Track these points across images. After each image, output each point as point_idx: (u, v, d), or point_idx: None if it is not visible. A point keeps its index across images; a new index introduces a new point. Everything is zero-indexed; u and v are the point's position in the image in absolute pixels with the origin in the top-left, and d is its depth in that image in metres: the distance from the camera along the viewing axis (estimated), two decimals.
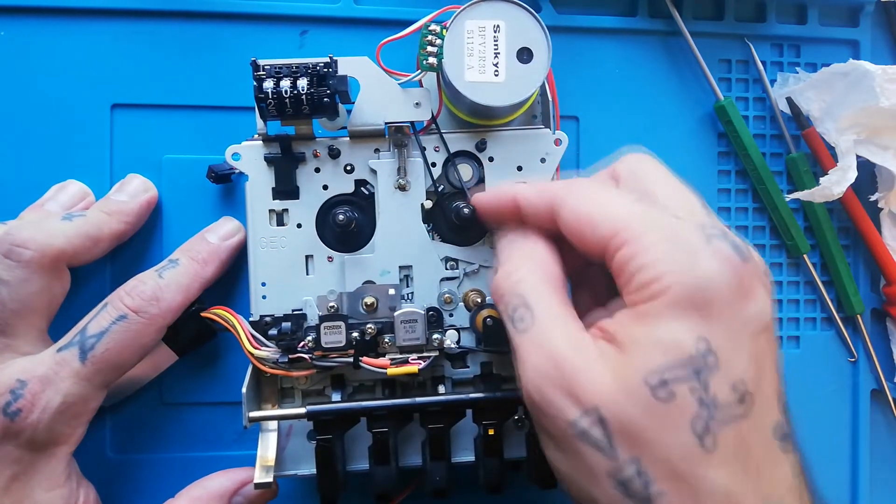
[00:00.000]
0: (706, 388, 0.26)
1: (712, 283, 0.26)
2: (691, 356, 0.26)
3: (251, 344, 0.36)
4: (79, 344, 0.34)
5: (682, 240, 0.27)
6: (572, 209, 0.30)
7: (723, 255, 0.27)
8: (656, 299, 0.27)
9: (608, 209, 0.29)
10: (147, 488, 0.42)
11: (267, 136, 0.38)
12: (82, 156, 0.42)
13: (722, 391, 0.26)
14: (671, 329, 0.26)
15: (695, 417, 0.26)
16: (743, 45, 0.47)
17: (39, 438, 0.34)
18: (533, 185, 0.33)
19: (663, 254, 0.27)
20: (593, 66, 0.46)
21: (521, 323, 0.30)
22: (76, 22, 0.42)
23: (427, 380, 0.39)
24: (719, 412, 0.26)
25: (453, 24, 0.35)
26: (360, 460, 0.38)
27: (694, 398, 0.26)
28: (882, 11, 0.48)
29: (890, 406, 0.48)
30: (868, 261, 0.48)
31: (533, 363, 0.29)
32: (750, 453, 0.26)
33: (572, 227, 0.30)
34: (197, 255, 0.39)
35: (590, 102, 0.45)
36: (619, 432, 0.26)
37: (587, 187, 0.31)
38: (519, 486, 0.43)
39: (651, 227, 0.28)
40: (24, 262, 0.35)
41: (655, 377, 0.26)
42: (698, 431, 0.26)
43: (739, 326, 0.27)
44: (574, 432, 0.27)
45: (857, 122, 0.44)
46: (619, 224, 0.28)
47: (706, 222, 0.29)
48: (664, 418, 0.26)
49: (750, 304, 0.27)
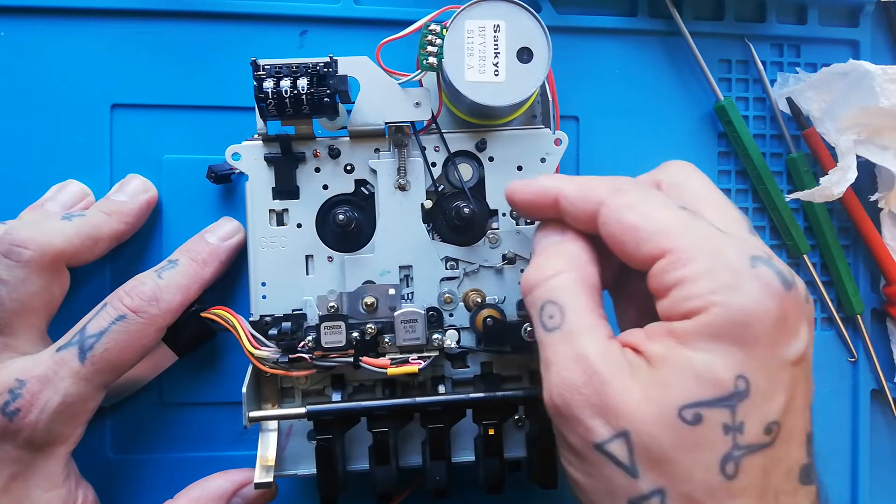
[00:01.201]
0: (738, 424, 0.25)
1: (754, 314, 0.25)
2: (729, 393, 0.25)
3: (251, 344, 0.36)
4: (78, 344, 0.34)
5: (726, 259, 0.26)
6: (616, 217, 0.29)
7: (766, 283, 0.26)
8: (692, 318, 0.26)
9: (653, 219, 0.28)
10: (147, 488, 0.42)
11: (267, 136, 0.38)
12: (82, 156, 0.42)
13: (752, 426, 0.26)
14: (710, 360, 0.26)
15: (723, 451, 0.25)
16: (743, 45, 0.47)
17: (38, 438, 0.34)
18: (576, 184, 0.31)
19: (705, 271, 0.26)
20: (593, 66, 0.46)
21: (551, 320, 0.29)
22: (76, 22, 0.42)
23: (427, 380, 0.39)
24: (747, 444, 0.26)
25: (453, 23, 0.35)
26: (360, 460, 0.38)
27: (725, 433, 0.25)
28: (882, 11, 0.48)
29: (890, 406, 0.48)
30: (868, 261, 0.48)
31: (560, 368, 0.28)
32: (769, 483, 0.26)
33: (615, 236, 0.29)
34: (196, 255, 0.39)
35: (590, 102, 0.45)
36: (646, 459, 0.26)
37: (633, 194, 0.29)
38: (519, 486, 0.43)
39: (695, 240, 0.27)
40: (23, 261, 0.35)
41: (691, 411, 0.25)
42: (723, 462, 0.25)
43: (779, 362, 0.26)
44: (599, 450, 0.26)
45: (857, 122, 0.44)
46: (663, 234, 0.27)
47: (752, 241, 0.28)
48: (693, 451, 0.25)
49: (791, 338, 0.26)
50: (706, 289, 0.26)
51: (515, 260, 0.39)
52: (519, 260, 0.39)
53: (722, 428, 0.25)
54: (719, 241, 0.27)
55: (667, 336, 0.27)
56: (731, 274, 0.26)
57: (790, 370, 0.26)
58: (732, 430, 0.25)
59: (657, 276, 0.27)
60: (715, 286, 0.26)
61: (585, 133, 0.45)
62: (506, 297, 0.39)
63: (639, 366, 0.27)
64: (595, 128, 0.46)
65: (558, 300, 0.29)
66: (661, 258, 0.27)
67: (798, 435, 0.27)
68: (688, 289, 0.26)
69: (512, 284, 0.39)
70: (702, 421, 0.25)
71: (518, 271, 0.39)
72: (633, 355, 0.27)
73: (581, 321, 0.28)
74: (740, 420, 0.25)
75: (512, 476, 0.38)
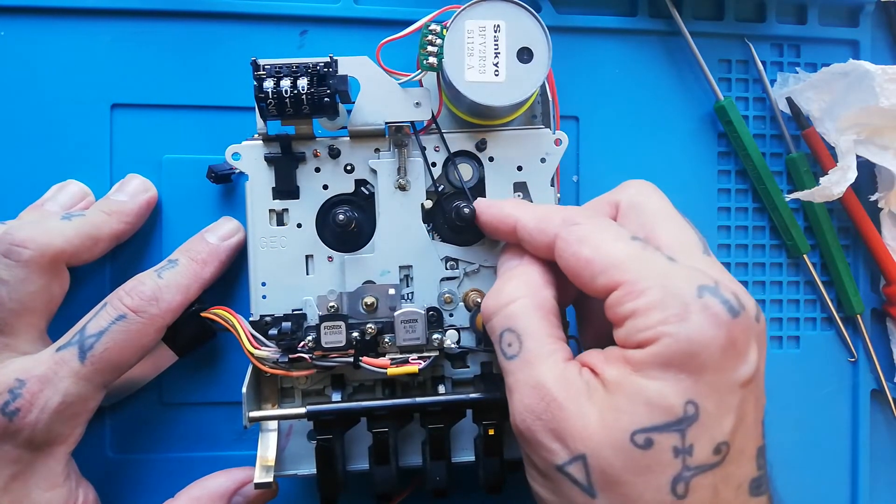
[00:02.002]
0: (688, 447, 0.27)
1: (701, 343, 0.27)
2: (678, 418, 0.27)
3: (251, 344, 0.36)
4: (78, 343, 0.34)
5: (675, 290, 0.28)
6: (572, 251, 0.30)
7: (713, 313, 0.27)
8: (645, 348, 0.27)
9: (605, 252, 0.29)
10: (147, 488, 0.42)
11: (267, 136, 0.38)
12: (82, 156, 0.42)
13: (701, 448, 0.27)
14: (660, 388, 0.27)
15: (674, 472, 0.27)
16: (743, 45, 0.47)
17: (38, 438, 0.34)
18: (534, 215, 0.32)
19: (655, 303, 0.27)
20: (593, 66, 0.46)
21: (510, 348, 0.30)
22: (76, 22, 0.42)
23: (427, 380, 0.39)
24: (696, 465, 0.27)
25: (453, 23, 0.35)
26: (360, 460, 0.38)
27: (675, 455, 0.27)
28: (882, 11, 0.48)
29: (890, 406, 0.48)
30: (868, 261, 0.48)
31: (521, 395, 0.29)
32: (719, 499, 0.27)
33: (571, 269, 0.30)
34: (196, 255, 0.39)
35: (590, 102, 0.45)
36: (602, 480, 0.27)
37: (586, 227, 0.31)
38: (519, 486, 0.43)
39: (646, 272, 0.28)
40: (23, 261, 0.35)
41: (642, 436, 0.27)
42: (674, 483, 0.27)
43: (728, 386, 0.27)
44: (560, 471, 0.28)
45: (857, 122, 0.44)
46: (615, 267, 0.29)
47: (701, 269, 0.29)
48: (645, 474, 0.27)
49: (739, 363, 0.28)
50: (656, 320, 0.27)
51: None
52: None
53: (672, 451, 0.27)
54: (668, 272, 0.28)
55: (622, 362, 0.28)
56: (679, 305, 0.27)
57: (739, 392, 0.28)
58: (682, 453, 0.27)
59: (612, 308, 0.29)
60: (664, 317, 0.27)
61: (585, 133, 0.45)
62: None
63: (595, 388, 0.28)
64: (595, 128, 0.46)
65: (515, 328, 0.30)
66: (614, 290, 0.28)
67: (748, 451, 0.28)
68: (641, 321, 0.28)
69: None
70: (652, 445, 0.26)
71: None
72: (592, 377, 0.29)
73: (538, 348, 0.30)
74: (690, 443, 0.27)
75: (512, 476, 0.38)
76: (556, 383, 0.28)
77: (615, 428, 0.27)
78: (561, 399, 0.28)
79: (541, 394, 0.28)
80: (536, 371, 0.29)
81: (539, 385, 0.29)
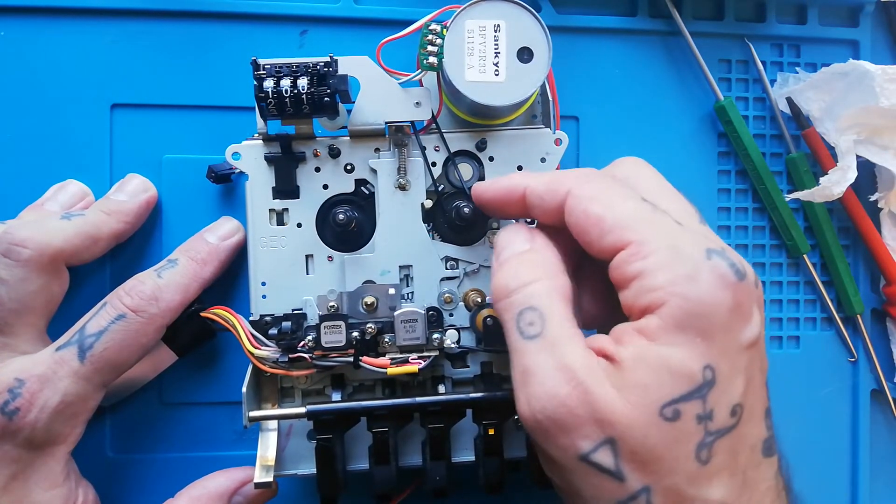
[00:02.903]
0: (709, 412, 0.27)
1: (712, 305, 0.27)
2: (699, 384, 0.26)
3: (251, 343, 0.36)
4: (77, 343, 0.34)
5: (683, 251, 0.27)
6: (583, 207, 0.29)
7: (721, 274, 0.27)
8: (654, 311, 0.27)
9: (616, 210, 0.29)
10: (147, 488, 0.42)
11: (267, 136, 0.38)
12: (82, 156, 0.42)
13: (720, 412, 0.27)
14: (680, 354, 0.27)
15: (698, 439, 0.27)
16: (743, 45, 0.47)
17: (38, 438, 0.33)
18: (542, 178, 0.32)
19: (664, 263, 0.27)
20: (593, 66, 0.46)
21: (531, 327, 0.28)
22: (76, 22, 0.42)
23: (427, 379, 0.39)
24: (716, 429, 0.27)
25: (453, 23, 0.35)
26: (360, 460, 0.38)
27: (698, 423, 0.27)
28: (882, 11, 0.48)
29: (890, 406, 0.48)
30: (868, 261, 0.48)
31: (542, 377, 0.27)
32: (737, 460, 0.27)
33: (580, 225, 0.30)
34: (196, 254, 0.39)
35: (590, 102, 0.45)
36: (633, 461, 0.26)
37: (598, 184, 0.30)
38: (519, 486, 0.43)
39: (655, 232, 0.28)
40: (22, 261, 0.35)
41: (670, 408, 0.26)
42: (698, 450, 0.27)
43: (737, 348, 0.27)
44: (584, 461, 0.27)
45: (857, 122, 0.44)
46: (625, 226, 0.28)
47: (706, 234, 0.29)
48: (675, 445, 0.26)
49: (745, 325, 0.28)
50: (666, 280, 0.27)
51: None
52: None
53: (696, 419, 0.27)
54: (677, 234, 0.28)
55: (637, 335, 0.27)
56: (689, 266, 0.27)
57: (747, 353, 0.28)
58: (704, 419, 0.27)
59: (619, 267, 0.28)
60: (674, 277, 0.27)
61: (585, 133, 0.45)
62: None
63: (612, 372, 0.27)
64: (595, 128, 0.46)
65: (539, 306, 0.29)
66: (622, 249, 0.28)
67: (758, 412, 0.29)
68: (648, 280, 0.27)
69: None
70: (680, 416, 0.26)
71: None
72: (604, 362, 0.28)
73: (562, 330, 0.28)
74: (710, 408, 0.27)
75: (512, 476, 0.38)
76: (583, 367, 0.27)
77: (643, 405, 0.26)
78: (588, 382, 0.27)
79: (567, 377, 0.27)
80: (562, 353, 0.27)
81: (566, 367, 0.27)
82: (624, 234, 0.28)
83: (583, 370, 0.27)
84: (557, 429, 0.27)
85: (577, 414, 0.27)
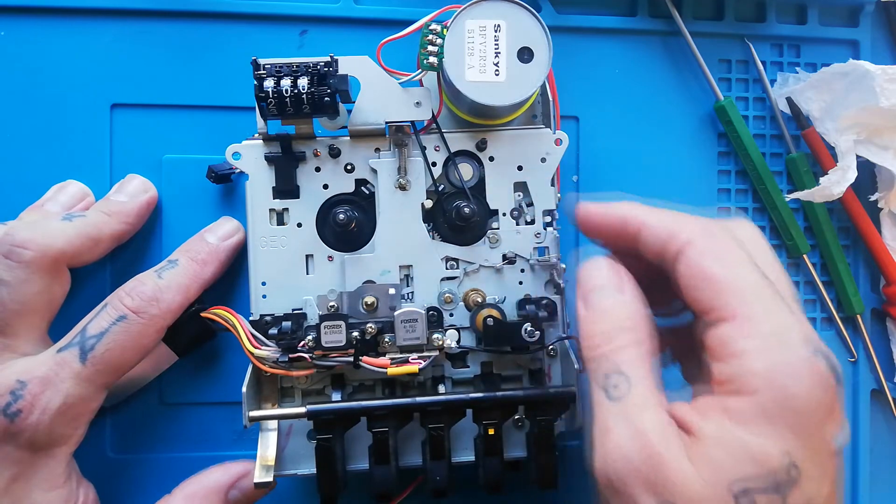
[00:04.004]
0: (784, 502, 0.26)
1: (811, 405, 0.26)
2: (777, 471, 0.26)
3: (251, 343, 0.36)
4: (79, 344, 0.34)
5: (789, 341, 0.27)
6: (703, 266, 0.29)
7: (821, 374, 0.27)
8: (747, 396, 0.27)
9: (734, 277, 0.28)
10: (147, 488, 0.42)
11: (267, 136, 0.38)
12: (82, 156, 0.42)
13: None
14: (761, 439, 0.26)
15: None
16: (743, 45, 0.47)
17: (39, 439, 0.34)
18: (660, 219, 0.31)
19: (768, 349, 0.27)
20: (593, 66, 0.46)
21: (616, 390, 0.29)
22: (76, 22, 0.42)
23: (427, 379, 0.39)
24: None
25: (454, 23, 0.35)
26: (360, 460, 0.38)
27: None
28: (882, 11, 0.48)
29: (890, 406, 0.48)
30: (868, 261, 0.48)
31: (618, 439, 0.28)
32: None
33: (692, 282, 0.29)
34: (196, 255, 0.39)
35: (590, 102, 0.45)
36: None
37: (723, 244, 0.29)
38: (519, 486, 0.43)
39: (766, 312, 0.27)
40: (24, 262, 0.35)
41: (740, 485, 0.26)
42: None
43: (823, 446, 0.27)
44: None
45: (857, 122, 0.44)
46: (738, 296, 0.28)
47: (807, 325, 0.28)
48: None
49: (834, 424, 0.27)
50: (765, 368, 0.26)
51: (515, 260, 0.39)
52: (519, 259, 0.39)
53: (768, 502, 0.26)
54: (786, 320, 0.28)
55: (721, 414, 0.27)
56: (792, 360, 0.27)
57: (835, 459, 0.27)
58: None
59: (720, 338, 0.28)
60: (775, 367, 0.26)
61: (585, 133, 0.45)
62: (506, 297, 0.39)
63: (689, 444, 0.27)
64: (595, 128, 0.46)
65: (626, 372, 0.29)
66: (728, 320, 0.28)
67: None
68: (748, 363, 0.27)
69: (512, 284, 0.39)
70: (749, 495, 0.26)
71: (518, 271, 0.39)
72: (683, 434, 0.28)
73: (645, 396, 0.28)
74: (785, 496, 0.26)
75: (512, 476, 0.38)
76: (659, 434, 0.27)
77: (715, 482, 0.26)
78: (662, 451, 0.27)
79: (642, 443, 0.27)
80: (640, 419, 0.28)
81: (641, 434, 0.27)
82: (736, 304, 0.28)
83: (658, 437, 0.27)
84: (625, 490, 0.27)
85: (647, 479, 0.27)
